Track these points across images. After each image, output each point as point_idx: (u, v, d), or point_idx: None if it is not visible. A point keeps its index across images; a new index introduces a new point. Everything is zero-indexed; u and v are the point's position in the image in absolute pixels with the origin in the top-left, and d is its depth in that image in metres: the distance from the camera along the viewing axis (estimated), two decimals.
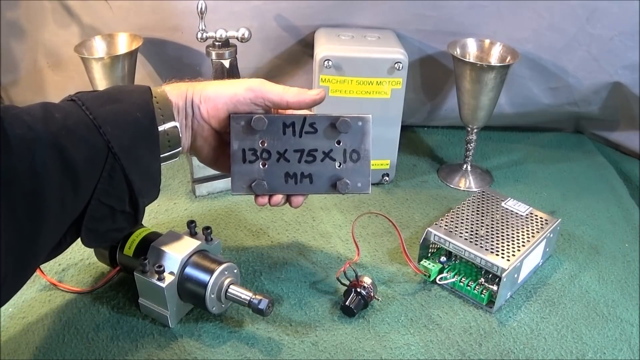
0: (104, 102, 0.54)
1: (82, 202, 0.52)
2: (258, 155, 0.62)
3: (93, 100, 0.54)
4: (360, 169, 0.63)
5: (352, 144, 0.62)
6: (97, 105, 0.53)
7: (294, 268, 0.72)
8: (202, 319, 0.64)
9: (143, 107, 0.55)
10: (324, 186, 0.63)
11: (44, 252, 0.52)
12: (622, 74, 0.93)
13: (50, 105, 0.52)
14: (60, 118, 0.50)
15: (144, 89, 0.57)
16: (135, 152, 0.54)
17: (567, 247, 0.78)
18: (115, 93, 0.56)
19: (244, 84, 0.61)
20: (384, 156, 0.88)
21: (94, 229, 0.54)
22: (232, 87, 0.61)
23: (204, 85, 0.61)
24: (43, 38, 0.95)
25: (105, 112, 0.53)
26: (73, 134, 0.50)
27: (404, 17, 0.91)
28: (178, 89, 0.60)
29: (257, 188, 0.62)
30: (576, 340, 0.63)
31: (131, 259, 0.64)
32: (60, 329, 0.62)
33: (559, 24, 0.90)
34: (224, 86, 0.61)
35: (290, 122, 0.61)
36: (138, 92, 0.57)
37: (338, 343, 0.61)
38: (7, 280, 0.48)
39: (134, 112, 0.54)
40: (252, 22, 0.91)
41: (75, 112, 0.52)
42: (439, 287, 0.69)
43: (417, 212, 0.84)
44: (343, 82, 0.81)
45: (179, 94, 0.59)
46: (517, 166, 0.98)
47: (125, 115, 0.54)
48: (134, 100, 0.55)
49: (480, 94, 0.83)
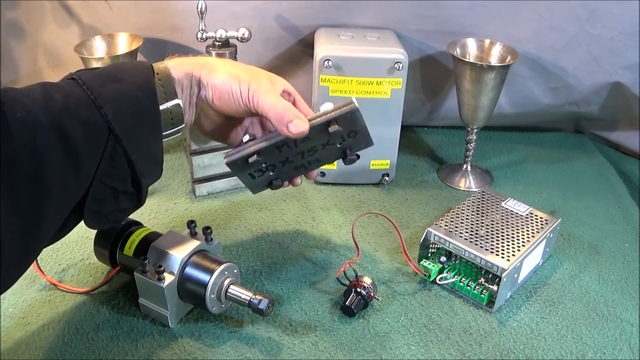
0: (105, 81, 0.53)
1: (84, 184, 0.52)
2: (264, 170, 0.63)
3: (94, 79, 0.53)
4: (361, 138, 0.63)
5: (347, 128, 0.61)
6: (98, 85, 0.52)
7: (294, 268, 0.72)
8: (202, 319, 0.64)
9: (144, 87, 0.54)
10: (333, 157, 0.66)
11: (48, 235, 0.52)
12: (622, 74, 0.93)
13: (49, 85, 0.51)
14: (61, 99, 0.49)
15: (145, 66, 0.56)
16: (136, 133, 0.53)
17: (567, 247, 0.78)
18: (116, 71, 0.55)
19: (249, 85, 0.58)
20: (384, 156, 0.88)
21: (97, 211, 0.54)
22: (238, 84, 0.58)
23: (210, 69, 0.58)
24: (43, 38, 0.95)
25: (106, 92, 0.52)
26: (74, 115, 0.49)
27: (404, 17, 0.91)
28: (182, 67, 0.58)
29: (274, 186, 0.66)
30: (576, 340, 0.63)
31: (131, 259, 0.64)
32: (60, 329, 0.62)
33: (559, 24, 0.90)
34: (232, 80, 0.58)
35: (283, 142, 0.60)
36: (140, 70, 0.55)
37: (338, 343, 0.61)
38: (12, 265, 0.48)
39: (135, 91, 0.54)
40: (252, 22, 0.91)
41: (75, 92, 0.51)
42: (439, 287, 0.69)
43: (417, 212, 0.84)
44: (343, 82, 0.81)
45: (184, 72, 0.57)
46: (517, 166, 0.98)
47: (126, 96, 0.53)
48: (135, 79, 0.54)
49: (480, 94, 0.83)
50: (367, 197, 0.87)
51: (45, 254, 0.72)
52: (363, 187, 0.89)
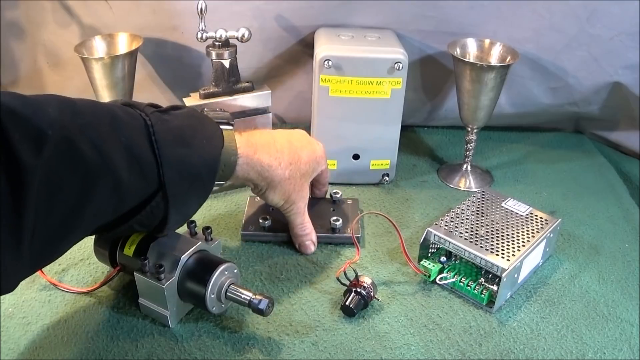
0: (176, 141, 0.54)
1: (116, 222, 0.54)
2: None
3: (165, 134, 0.53)
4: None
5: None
6: (166, 144, 0.53)
7: (294, 268, 0.72)
8: (202, 319, 0.64)
9: (209, 165, 0.57)
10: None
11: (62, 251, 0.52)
12: (622, 74, 0.93)
13: (119, 116, 0.51)
14: (125, 141, 0.50)
15: (218, 139, 0.58)
16: (184, 199, 0.56)
17: (567, 247, 0.78)
18: (190, 134, 0.55)
19: (292, 208, 0.71)
20: (384, 156, 0.88)
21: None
22: (284, 206, 0.71)
23: (270, 186, 0.67)
24: (43, 38, 0.95)
25: (171, 155, 0.53)
26: (132, 161, 0.50)
27: (404, 17, 0.91)
28: (247, 167, 0.63)
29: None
30: (576, 340, 0.63)
31: (131, 259, 0.64)
32: (60, 329, 0.62)
33: (559, 24, 0.90)
34: (282, 202, 0.70)
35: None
36: (212, 142, 0.57)
37: (338, 343, 0.61)
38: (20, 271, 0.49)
39: (199, 166, 0.55)
40: (252, 22, 0.91)
41: (141, 140, 0.51)
42: (439, 287, 0.69)
43: (417, 212, 0.84)
44: (343, 82, 0.81)
45: (245, 176, 0.64)
46: (517, 166, 0.98)
47: (190, 167, 0.54)
48: (203, 152, 0.56)
49: (480, 94, 0.83)
50: (367, 197, 0.87)
51: None
52: (363, 187, 0.89)
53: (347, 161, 0.87)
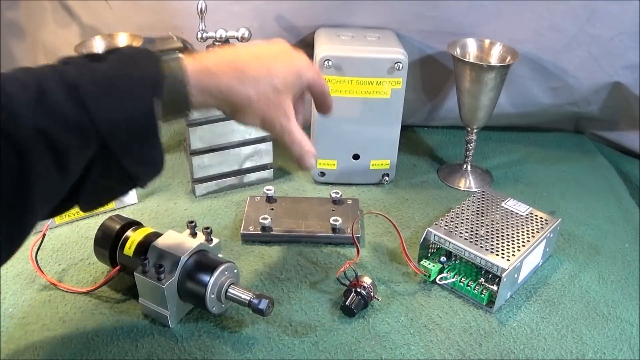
0: (103, 91, 0.50)
1: (71, 183, 0.50)
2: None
3: (92, 86, 0.50)
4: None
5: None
6: (95, 99, 0.50)
7: (294, 268, 0.72)
8: (202, 319, 0.64)
9: (143, 107, 0.52)
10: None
11: (39, 216, 0.50)
12: (622, 74, 0.93)
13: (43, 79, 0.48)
14: (51, 101, 0.47)
15: (153, 78, 0.53)
16: (131, 148, 0.52)
17: (567, 247, 0.78)
18: (118, 77, 0.52)
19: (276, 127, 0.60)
20: (384, 156, 0.88)
21: (91, 200, 0.53)
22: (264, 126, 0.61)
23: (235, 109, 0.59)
24: (43, 38, 0.95)
25: (101, 107, 0.50)
26: (61, 119, 0.48)
27: (404, 17, 0.91)
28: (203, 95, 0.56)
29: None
30: (576, 340, 0.63)
31: (131, 259, 0.64)
32: (60, 329, 0.62)
33: (559, 24, 0.90)
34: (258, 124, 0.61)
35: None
36: (143, 83, 0.53)
37: (338, 343, 0.61)
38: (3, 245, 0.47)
39: (132, 110, 0.51)
40: (252, 22, 0.91)
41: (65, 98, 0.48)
42: (439, 287, 0.69)
43: (417, 212, 0.84)
44: (343, 82, 0.81)
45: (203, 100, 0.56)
46: (517, 166, 0.98)
47: (124, 114, 0.51)
48: (133, 95, 0.52)
49: (480, 94, 0.83)
50: (367, 197, 0.87)
51: (45, 253, 0.72)
52: (363, 187, 0.89)
53: (347, 161, 0.87)
